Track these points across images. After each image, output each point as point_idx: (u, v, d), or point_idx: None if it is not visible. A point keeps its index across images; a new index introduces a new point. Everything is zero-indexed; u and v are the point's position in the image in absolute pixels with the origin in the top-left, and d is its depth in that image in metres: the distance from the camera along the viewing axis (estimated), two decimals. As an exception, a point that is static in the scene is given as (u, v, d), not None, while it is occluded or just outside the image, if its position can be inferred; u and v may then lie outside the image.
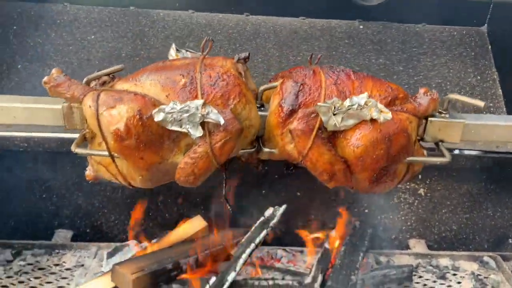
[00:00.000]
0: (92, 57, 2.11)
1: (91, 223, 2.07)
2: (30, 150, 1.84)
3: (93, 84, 1.22)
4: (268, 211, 1.74)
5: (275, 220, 1.69)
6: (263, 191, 2.05)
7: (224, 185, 1.27)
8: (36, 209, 2.03)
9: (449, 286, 1.91)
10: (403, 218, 2.12)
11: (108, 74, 1.20)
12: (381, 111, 1.18)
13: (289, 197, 2.03)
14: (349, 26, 2.34)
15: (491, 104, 2.17)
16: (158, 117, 1.11)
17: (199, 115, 1.11)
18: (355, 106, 1.15)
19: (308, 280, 1.56)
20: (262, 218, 1.74)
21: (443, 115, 1.30)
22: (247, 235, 1.69)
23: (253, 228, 1.71)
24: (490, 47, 2.30)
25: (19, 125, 1.26)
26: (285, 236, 2.04)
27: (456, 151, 1.99)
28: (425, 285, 1.91)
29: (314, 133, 1.17)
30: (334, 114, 1.15)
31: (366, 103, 1.16)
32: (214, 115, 1.12)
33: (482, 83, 2.23)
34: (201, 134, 1.14)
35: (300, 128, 1.16)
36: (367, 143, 1.16)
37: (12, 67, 2.05)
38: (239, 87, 1.16)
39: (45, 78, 1.21)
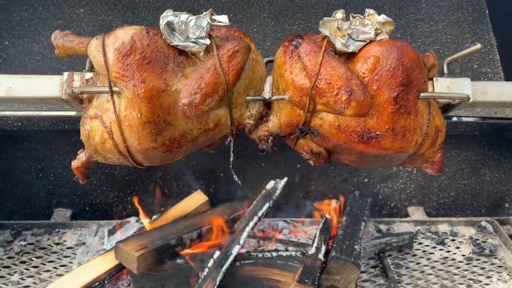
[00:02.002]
0: (82, 31, 2.04)
1: (90, 201, 2.06)
2: (24, 129, 1.79)
3: None
4: (270, 184, 1.74)
5: (277, 193, 1.68)
6: (263, 164, 2.04)
7: (231, 154, 1.23)
8: (34, 189, 2.00)
9: (448, 251, 1.94)
10: (402, 186, 2.13)
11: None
12: (385, 23, 1.16)
13: (289, 169, 2.03)
14: (345, -7, 2.28)
15: (489, 70, 2.15)
16: (165, 19, 1.07)
17: (207, 19, 1.08)
18: (357, 20, 1.15)
19: (311, 250, 1.57)
20: (263, 191, 1.73)
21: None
22: (249, 209, 1.69)
23: (255, 201, 1.71)
24: (487, 11, 2.26)
25: (14, 98, 1.20)
26: (285, 207, 2.05)
27: (455, 118, 1.99)
28: (424, 251, 1.94)
29: (323, 48, 1.12)
30: (338, 28, 1.13)
31: (369, 14, 1.16)
32: (221, 17, 1.10)
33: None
34: (208, 43, 1.09)
35: (309, 47, 1.12)
36: (377, 53, 1.12)
37: (-1, 43, 1.98)
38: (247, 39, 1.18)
39: (54, 33, 1.18)
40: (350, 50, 1.13)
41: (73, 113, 1.80)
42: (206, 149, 1.27)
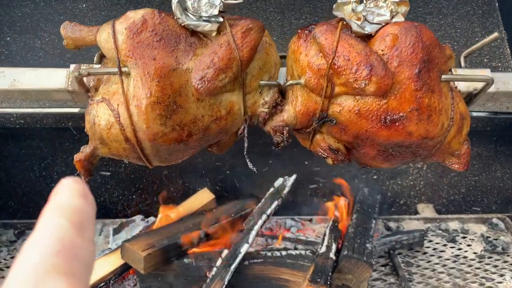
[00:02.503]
0: (85, 26, 1.99)
1: (94, 199, 2.01)
2: (27, 126, 1.75)
3: None
4: (278, 182, 1.70)
5: (285, 191, 1.65)
6: (270, 161, 2.00)
7: (245, 141, 1.16)
8: (37, 187, 1.96)
9: (459, 249, 1.91)
10: (411, 183, 2.09)
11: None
12: (399, 2, 1.12)
13: (296, 166, 1.99)
14: (352, -14, 2.24)
15: (499, 64, 2.11)
16: None
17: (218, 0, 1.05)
18: (371, 3, 1.09)
19: (322, 249, 1.54)
20: (272, 189, 1.70)
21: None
22: (257, 206, 1.65)
23: (263, 199, 1.67)
24: (497, 4, 2.22)
25: (18, 90, 1.16)
26: (293, 205, 2.01)
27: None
28: (435, 249, 1.90)
29: (339, 27, 1.06)
30: (352, 10, 1.09)
31: None
32: None
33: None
34: (221, 21, 1.05)
35: (324, 27, 1.06)
36: (395, 31, 1.05)
37: (1, 39, 1.94)
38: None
39: (63, 24, 1.13)
40: (366, 32, 1.07)
41: (76, 110, 1.77)
42: (218, 152, 1.21)
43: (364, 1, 1.13)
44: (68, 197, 0.47)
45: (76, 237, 0.42)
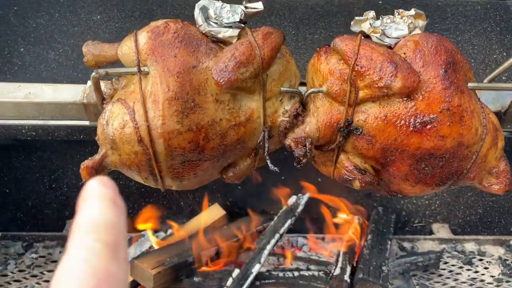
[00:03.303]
0: (99, 38, 1.98)
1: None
2: (39, 138, 1.74)
3: None
4: (292, 200, 1.67)
5: (299, 209, 1.61)
6: (282, 177, 1.97)
7: (265, 144, 1.11)
8: (46, 199, 1.94)
9: (476, 271, 1.85)
10: (426, 202, 2.04)
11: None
12: (416, 16, 1.09)
13: (309, 183, 1.95)
14: (368, 2, 2.21)
15: (518, 82, 2.07)
16: (200, 5, 1.04)
17: (241, 7, 1.06)
18: (388, 19, 1.08)
19: (336, 271, 1.50)
20: (285, 207, 1.66)
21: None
22: (270, 225, 1.62)
23: (276, 217, 1.64)
24: (515, 21, 2.19)
25: (32, 102, 1.14)
26: (305, 223, 1.97)
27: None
28: (451, 271, 1.85)
29: (359, 36, 1.04)
30: (370, 25, 1.06)
31: (399, 13, 1.09)
32: (255, 4, 1.07)
33: (508, 59, 2.12)
34: (242, 26, 1.06)
35: (344, 36, 1.03)
36: (415, 38, 1.02)
37: (15, 50, 1.94)
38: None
39: (85, 43, 1.13)
40: (386, 43, 1.05)
41: (87, 122, 1.75)
42: (235, 179, 1.16)
43: (381, 18, 1.11)
44: (99, 209, 0.43)
45: (111, 263, 0.39)
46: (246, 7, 1.06)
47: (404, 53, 1.01)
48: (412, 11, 1.09)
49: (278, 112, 1.08)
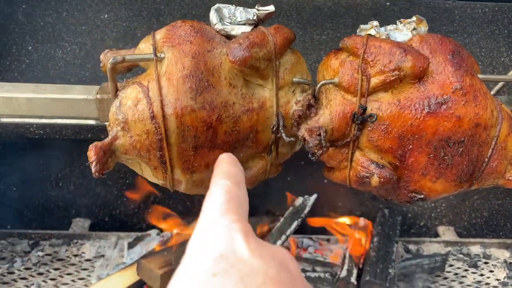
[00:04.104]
0: (106, 37, 1.99)
1: (110, 211, 2.00)
2: (46, 137, 1.75)
3: None
4: (298, 201, 1.67)
5: (306, 211, 1.61)
6: (288, 178, 1.97)
7: (280, 129, 1.11)
8: (53, 198, 1.95)
9: (481, 275, 1.85)
10: (432, 205, 2.04)
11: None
12: (417, 21, 1.10)
13: (315, 184, 1.95)
14: (375, 3, 2.21)
15: (524, 85, 2.06)
16: (214, 8, 1.07)
17: (254, 10, 1.08)
18: (392, 26, 1.09)
19: (343, 273, 1.50)
20: (291, 208, 1.66)
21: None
22: (276, 226, 1.62)
23: (282, 218, 1.64)
24: (523, 24, 2.18)
25: (42, 98, 1.13)
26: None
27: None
28: (456, 274, 1.85)
29: (366, 34, 1.06)
30: (375, 31, 1.08)
31: (401, 22, 1.09)
32: (267, 7, 1.07)
33: (515, 63, 2.12)
34: (254, 23, 1.07)
35: (352, 35, 1.06)
36: (419, 36, 1.04)
37: (23, 48, 1.94)
38: None
39: (103, 52, 1.12)
40: None
41: (94, 122, 1.76)
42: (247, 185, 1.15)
43: (384, 27, 1.12)
44: (227, 165, 0.72)
45: (235, 190, 0.64)
46: (258, 10, 1.07)
47: (411, 45, 1.03)
48: (414, 18, 1.10)
49: (291, 102, 1.08)
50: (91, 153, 1.01)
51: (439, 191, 1.07)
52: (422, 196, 1.08)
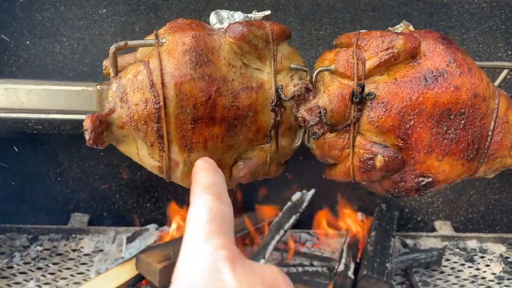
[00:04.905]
0: (105, 32, 1.99)
1: (108, 206, 2.01)
2: (45, 132, 1.75)
3: None
4: (296, 196, 1.68)
5: (304, 205, 1.62)
6: (286, 173, 1.98)
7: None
8: (51, 192, 1.96)
9: (478, 269, 1.87)
10: (429, 199, 2.06)
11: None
12: (406, 28, 1.13)
13: (313, 179, 1.96)
14: (373, -2, 2.21)
15: (521, 81, 2.07)
16: (213, 12, 1.11)
17: (251, 14, 1.11)
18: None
19: (340, 267, 1.51)
20: (289, 203, 1.67)
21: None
22: (275, 221, 1.63)
23: (281, 213, 1.65)
24: (521, 20, 2.19)
25: (43, 89, 1.13)
26: (308, 219, 1.99)
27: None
28: (452, 268, 1.87)
29: (358, 31, 1.10)
30: None
31: (390, 29, 1.11)
32: (263, 12, 1.11)
33: (512, 59, 2.13)
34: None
35: (345, 33, 1.10)
36: (408, 30, 1.09)
37: (20, 43, 1.93)
38: None
39: (106, 59, 1.11)
40: None
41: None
42: (244, 174, 1.14)
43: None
44: (205, 175, 0.67)
45: (219, 205, 0.60)
46: (255, 14, 1.13)
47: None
48: (401, 24, 1.13)
49: (289, 86, 1.08)
50: (87, 121, 1.01)
51: (447, 172, 1.05)
52: (430, 179, 1.05)
